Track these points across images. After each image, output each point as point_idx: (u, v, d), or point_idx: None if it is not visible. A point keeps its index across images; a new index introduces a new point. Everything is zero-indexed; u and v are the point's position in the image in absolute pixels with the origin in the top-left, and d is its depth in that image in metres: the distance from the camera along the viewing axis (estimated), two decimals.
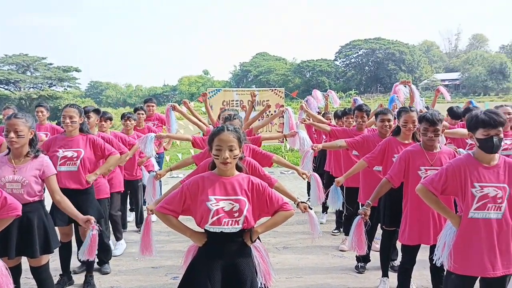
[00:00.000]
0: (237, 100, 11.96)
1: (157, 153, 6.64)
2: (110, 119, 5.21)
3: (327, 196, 6.43)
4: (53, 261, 3.55)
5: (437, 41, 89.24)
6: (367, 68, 67.42)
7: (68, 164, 3.84)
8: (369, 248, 4.47)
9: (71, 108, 3.92)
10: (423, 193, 2.71)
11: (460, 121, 5.43)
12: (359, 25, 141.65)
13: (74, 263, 4.36)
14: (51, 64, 54.49)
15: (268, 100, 12.06)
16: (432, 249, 3.36)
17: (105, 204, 4.54)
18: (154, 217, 6.74)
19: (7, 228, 3.00)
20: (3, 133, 3.19)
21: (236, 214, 2.35)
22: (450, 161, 2.83)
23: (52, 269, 3.44)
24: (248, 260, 2.43)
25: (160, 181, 7.28)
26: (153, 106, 7.16)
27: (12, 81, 50.24)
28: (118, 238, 5.19)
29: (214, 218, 2.32)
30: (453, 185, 2.63)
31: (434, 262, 2.80)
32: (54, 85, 54.11)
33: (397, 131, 3.95)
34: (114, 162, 4.16)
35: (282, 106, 6.82)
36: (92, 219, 3.21)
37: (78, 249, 4.41)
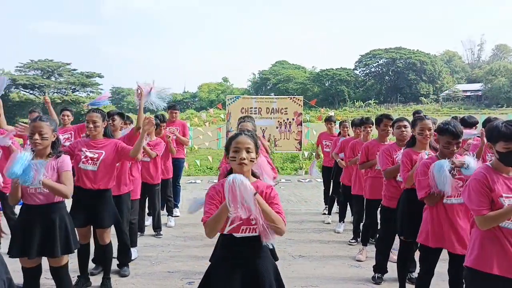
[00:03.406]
0: (255, 107, 12.03)
1: (175, 159, 6.72)
2: (132, 122, 5.39)
3: (341, 206, 6.46)
4: (71, 263, 3.60)
5: (459, 51, 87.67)
6: (387, 77, 66.86)
7: (90, 163, 3.93)
8: (387, 258, 4.42)
9: (94, 113, 4.01)
10: (486, 223, 2.48)
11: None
12: (379, 34, 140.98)
13: (92, 265, 4.44)
14: (75, 70, 55.80)
15: (286, 108, 12.07)
16: (451, 262, 3.30)
17: (128, 202, 4.62)
18: (172, 222, 6.81)
19: (30, 228, 3.13)
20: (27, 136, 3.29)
21: (253, 222, 2.34)
22: (472, 177, 2.65)
23: (70, 271, 3.49)
24: (266, 262, 2.42)
25: (179, 186, 7.36)
26: (176, 113, 7.14)
27: (37, 85, 51.54)
28: (133, 244, 5.22)
29: (233, 225, 2.33)
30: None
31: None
32: (77, 91, 55.37)
33: (412, 142, 3.91)
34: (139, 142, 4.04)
35: None
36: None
37: (95, 251, 4.51)
